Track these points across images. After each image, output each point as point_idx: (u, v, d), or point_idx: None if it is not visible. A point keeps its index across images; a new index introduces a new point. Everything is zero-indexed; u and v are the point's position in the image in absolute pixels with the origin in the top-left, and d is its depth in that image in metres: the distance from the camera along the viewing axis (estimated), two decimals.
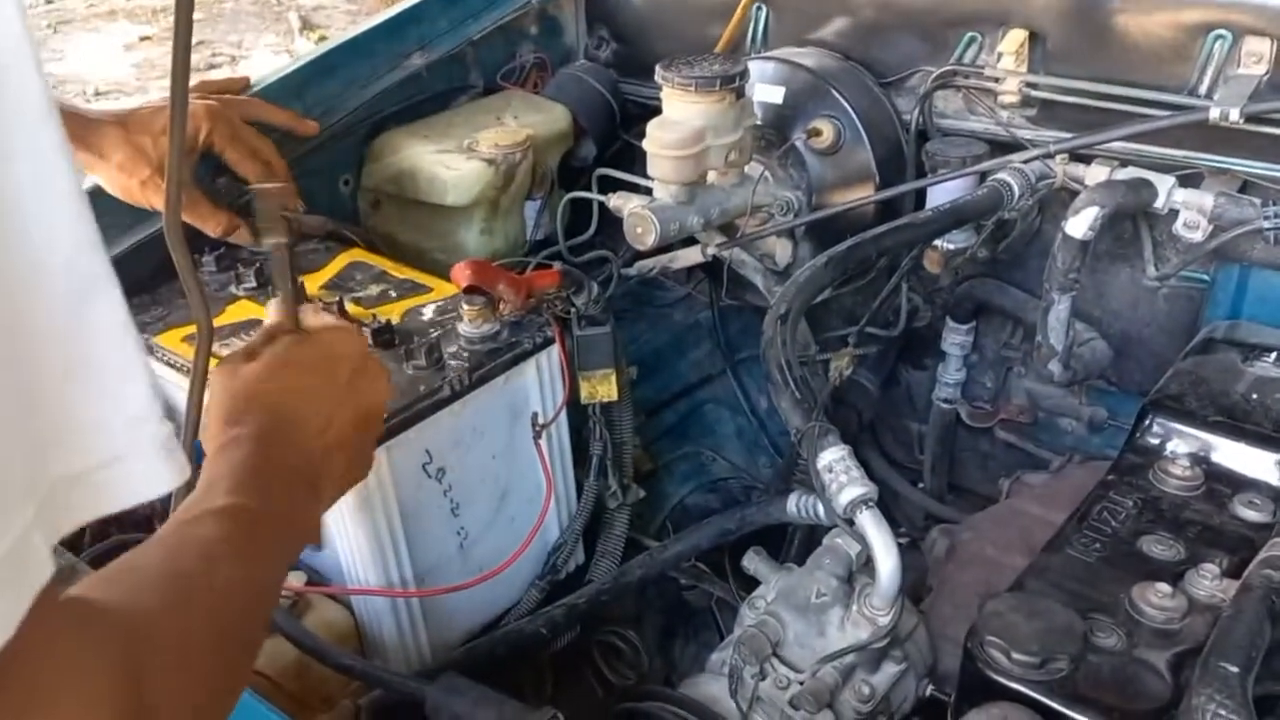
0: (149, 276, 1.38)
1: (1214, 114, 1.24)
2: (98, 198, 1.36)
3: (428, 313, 1.32)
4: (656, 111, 1.45)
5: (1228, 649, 0.85)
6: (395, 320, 1.28)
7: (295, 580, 1.17)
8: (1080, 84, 1.41)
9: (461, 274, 1.23)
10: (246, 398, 0.81)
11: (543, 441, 1.32)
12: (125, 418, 0.48)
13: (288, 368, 0.84)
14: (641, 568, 1.36)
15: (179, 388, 1.24)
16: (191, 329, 1.27)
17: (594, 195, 1.56)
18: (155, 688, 0.52)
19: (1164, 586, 0.97)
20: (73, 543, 1.20)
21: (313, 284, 1.39)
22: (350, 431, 0.86)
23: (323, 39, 5.92)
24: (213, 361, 0.83)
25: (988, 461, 1.81)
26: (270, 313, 0.93)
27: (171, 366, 1.25)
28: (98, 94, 6.03)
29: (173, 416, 1.35)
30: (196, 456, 0.88)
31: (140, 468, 0.48)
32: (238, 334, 1.27)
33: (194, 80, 0.92)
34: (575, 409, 1.41)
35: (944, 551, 1.42)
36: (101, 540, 1.22)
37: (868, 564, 1.05)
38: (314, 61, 1.58)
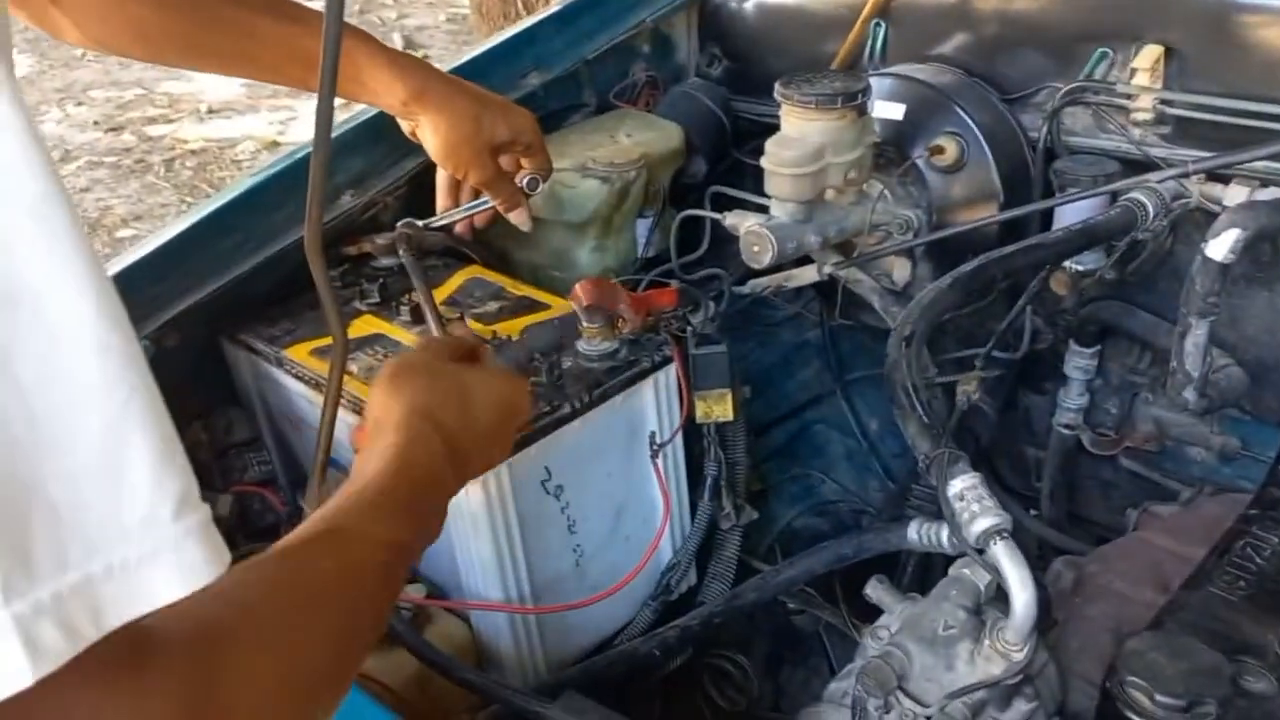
0: (276, 289, 1.42)
1: None
2: (226, 215, 1.41)
3: (546, 330, 1.32)
4: (768, 128, 1.44)
5: None
6: (514, 337, 1.29)
7: (416, 593, 1.19)
8: (1218, 101, 1.35)
9: (583, 291, 1.24)
10: (429, 408, 0.85)
11: (659, 461, 1.32)
12: (157, 513, 0.46)
13: (472, 401, 0.90)
14: (755, 590, 1.34)
15: (308, 400, 1.27)
16: (320, 342, 1.30)
17: (708, 213, 1.55)
18: (230, 695, 0.51)
19: None
20: None
21: None
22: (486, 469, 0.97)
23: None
24: (348, 382, 0.87)
25: (1110, 490, 1.74)
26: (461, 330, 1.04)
27: (300, 379, 1.28)
28: (210, 111, 6.26)
29: (302, 428, 1.37)
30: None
31: (176, 559, 0.46)
32: (362, 349, 1.29)
33: None
34: (689, 428, 1.40)
35: (1070, 584, 1.37)
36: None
37: (997, 596, 1.02)
38: None
